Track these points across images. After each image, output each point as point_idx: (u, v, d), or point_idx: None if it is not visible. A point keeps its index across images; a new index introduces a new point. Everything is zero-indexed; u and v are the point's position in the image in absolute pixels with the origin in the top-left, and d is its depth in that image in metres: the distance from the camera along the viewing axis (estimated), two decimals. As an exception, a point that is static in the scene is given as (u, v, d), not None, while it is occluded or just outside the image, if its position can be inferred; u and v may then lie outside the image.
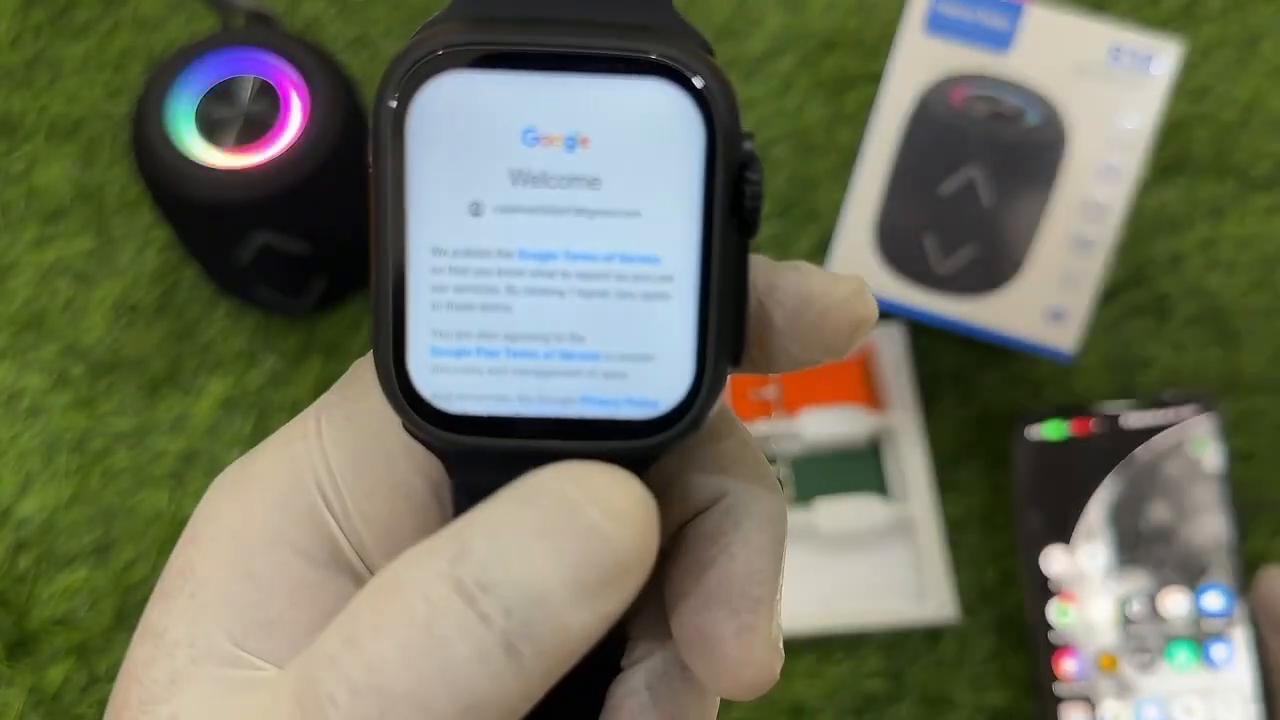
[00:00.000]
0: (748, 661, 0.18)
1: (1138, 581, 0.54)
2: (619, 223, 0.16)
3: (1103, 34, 0.54)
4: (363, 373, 0.19)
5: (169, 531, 0.57)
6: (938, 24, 0.55)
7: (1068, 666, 0.54)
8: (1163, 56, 0.54)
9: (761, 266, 0.18)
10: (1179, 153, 0.66)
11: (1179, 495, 0.55)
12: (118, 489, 0.58)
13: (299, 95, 0.53)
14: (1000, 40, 0.55)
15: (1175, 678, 0.52)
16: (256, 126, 0.53)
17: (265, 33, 0.55)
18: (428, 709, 0.15)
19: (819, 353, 0.19)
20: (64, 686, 0.54)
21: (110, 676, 0.55)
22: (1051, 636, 0.54)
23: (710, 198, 0.16)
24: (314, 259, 0.57)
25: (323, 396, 0.19)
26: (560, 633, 0.15)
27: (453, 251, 0.16)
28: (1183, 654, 0.53)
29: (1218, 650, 0.52)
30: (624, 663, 0.20)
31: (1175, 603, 0.53)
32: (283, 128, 0.53)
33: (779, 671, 0.18)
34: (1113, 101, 0.54)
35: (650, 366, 0.17)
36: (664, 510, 0.18)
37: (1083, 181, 0.55)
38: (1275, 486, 0.60)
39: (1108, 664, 0.53)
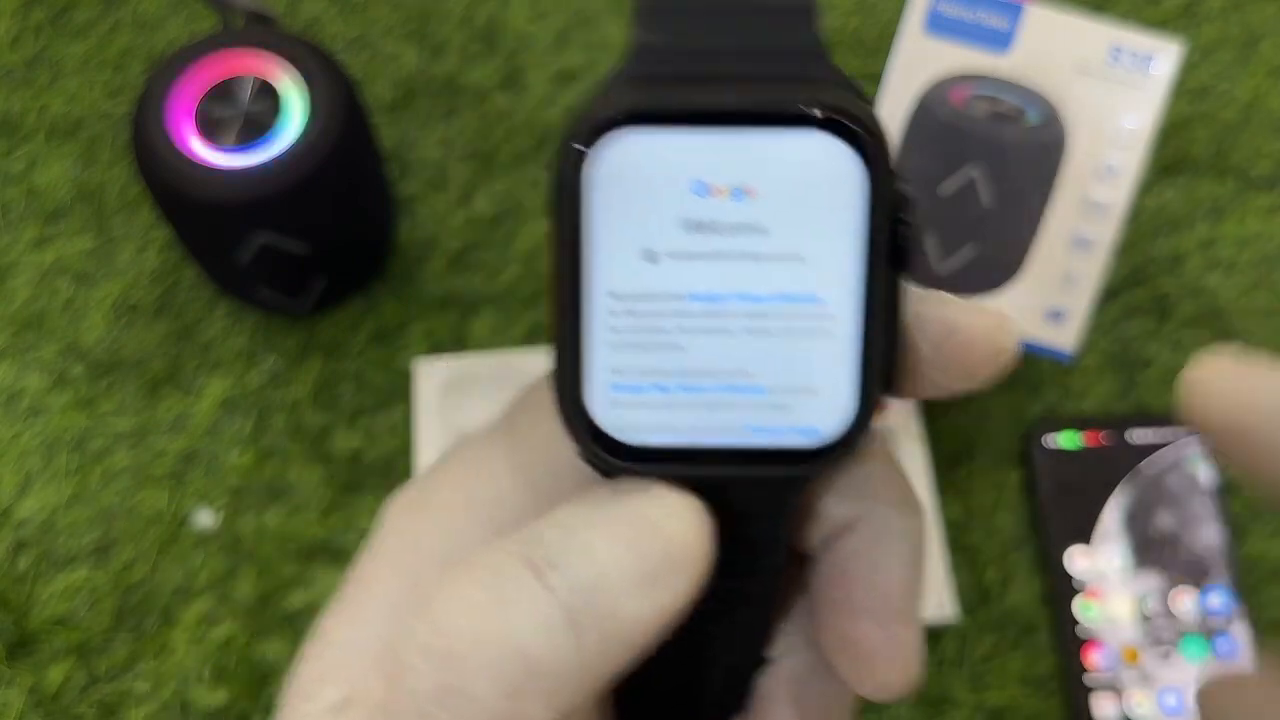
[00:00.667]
0: (893, 669, 0.19)
1: (1152, 581, 0.57)
2: (784, 266, 0.17)
3: (1103, 34, 0.54)
4: (531, 404, 0.20)
5: (169, 531, 0.57)
6: (938, 24, 0.55)
7: (1096, 658, 0.56)
8: (1163, 56, 0.54)
9: (908, 297, 0.19)
10: (1179, 153, 0.66)
11: (1181, 506, 0.58)
12: (118, 489, 0.58)
13: (299, 95, 0.53)
14: (1000, 40, 0.55)
15: (1190, 668, 0.56)
16: (256, 126, 0.53)
17: (265, 33, 0.55)
18: (495, 672, 0.16)
19: (960, 380, 0.19)
20: (64, 686, 0.54)
21: (110, 676, 0.55)
22: (1078, 630, 0.57)
23: (869, 240, 0.17)
24: (314, 259, 0.57)
25: (492, 426, 0.20)
26: (617, 617, 0.16)
27: (629, 295, 0.18)
28: (1195, 647, 0.56)
29: (1222, 644, 0.56)
30: (772, 655, 0.21)
31: (1184, 601, 0.57)
32: (283, 128, 0.53)
33: (917, 674, 0.19)
34: (1113, 101, 0.54)
35: (812, 398, 0.18)
36: (812, 525, 0.20)
37: (1083, 181, 0.55)
38: (1275, 486, 0.60)
39: (1130, 656, 0.56)
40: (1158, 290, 0.64)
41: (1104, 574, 0.57)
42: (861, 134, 0.17)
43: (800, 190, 0.17)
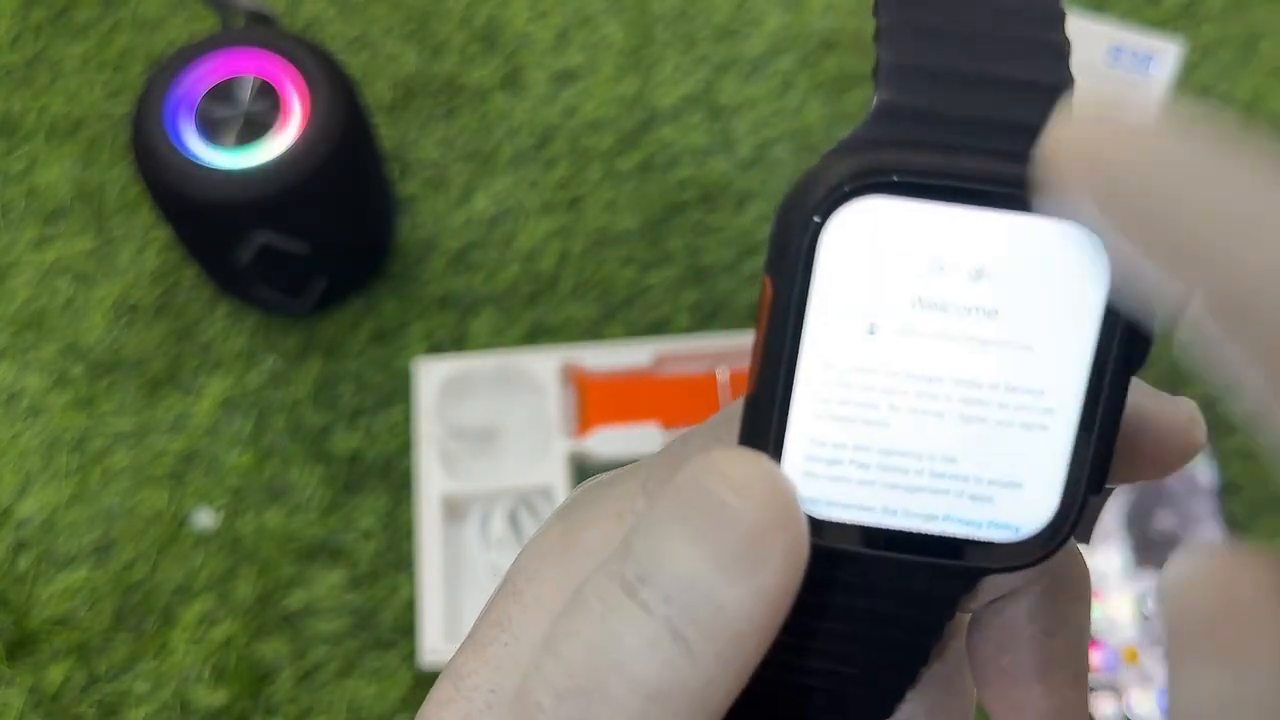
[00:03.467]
0: None
1: (1152, 581, 0.57)
2: (1011, 354, 0.17)
3: (1103, 34, 0.54)
4: (692, 450, 0.19)
5: (169, 531, 0.57)
6: (938, 24, 0.55)
7: (1096, 658, 0.56)
8: (1163, 56, 0.54)
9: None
10: (1179, 153, 0.66)
11: (1181, 506, 0.59)
12: (118, 489, 0.58)
13: (299, 95, 0.53)
14: (1000, 40, 0.55)
15: None
16: (256, 126, 0.53)
17: (265, 33, 0.55)
18: (617, 702, 0.15)
19: (1147, 473, 0.19)
20: (64, 686, 0.54)
21: (110, 676, 0.55)
22: None
23: (1105, 337, 0.17)
24: (314, 259, 0.57)
25: (647, 465, 0.19)
26: (719, 612, 0.15)
27: (843, 367, 0.17)
28: None
29: None
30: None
31: None
32: (283, 128, 0.53)
33: None
34: (1113, 101, 0.54)
35: (1017, 493, 0.17)
36: (977, 585, 0.19)
37: (1083, 181, 0.55)
38: (1275, 486, 0.60)
39: (1130, 656, 0.56)
40: (1158, 290, 0.63)
41: (1104, 574, 0.57)
42: None
43: (1040, 277, 0.16)
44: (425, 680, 0.54)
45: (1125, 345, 0.17)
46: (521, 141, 0.66)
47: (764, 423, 0.17)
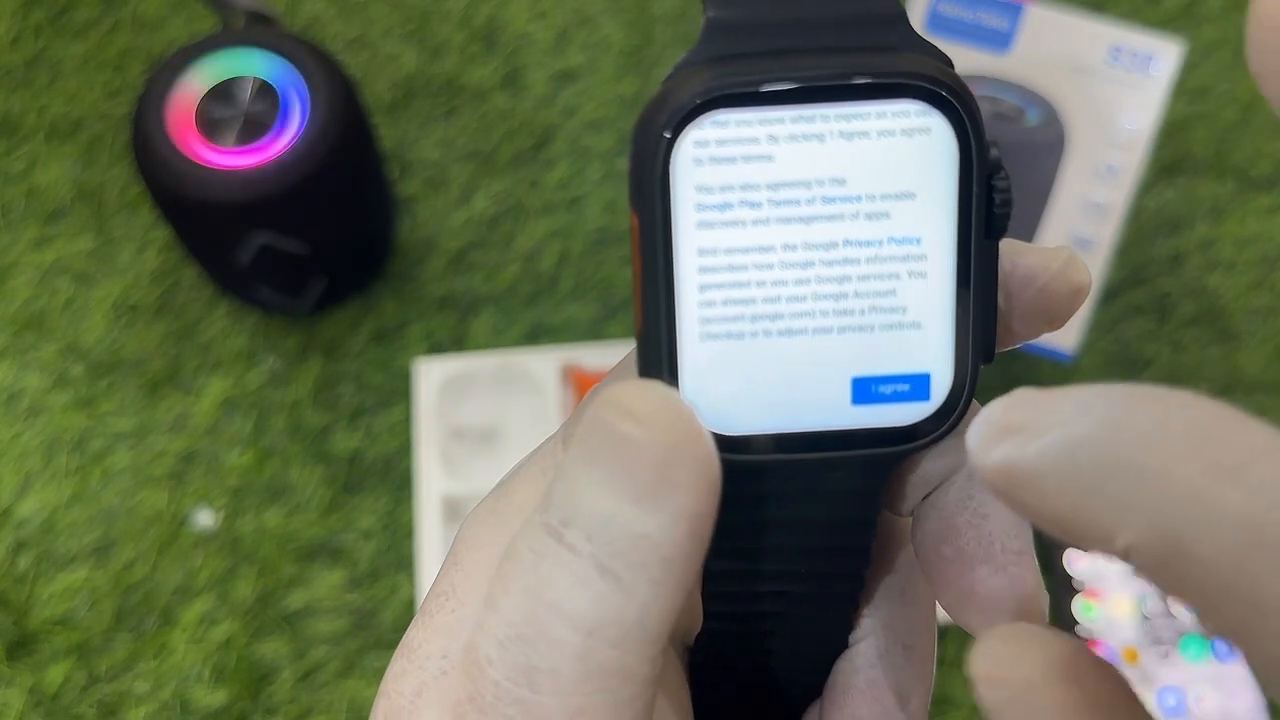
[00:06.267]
0: (1021, 613, 0.18)
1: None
2: (878, 231, 0.17)
3: (1103, 34, 0.54)
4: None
5: (169, 531, 0.57)
6: (938, 24, 0.55)
7: None
8: (1163, 56, 0.54)
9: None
10: (1179, 153, 0.66)
11: None
12: (118, 489, 0.58)
13: (299, 95, 0.53)
14: (1000, 40, 0.55)
15: (1189, 668, 0.56)
16: (256, 126, 0.53)
17: (265, 33, 0.55)
18: (558, 643, 0.16)
19: (1040, 325, 0.19)
20: (64, 686, 0.54)
21: (110, 676, 0.55)
22: (1078, 630, 0.57)
23: (965, 209, 0.17)
24: (314, 259, 0.57)
25: (567, 421, 0.20)
26: (641, 541, 0.16)
27: (719, 279, 0.17)
28: (1194, 647, 0.56)
29: (1221, 644, 0.56)
30: (851, 639, 0.21)
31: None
32: (283, 128, 0.53)
33: (1047, 610, 0.19)
34: (1113, 101, 0.54)
35: (908, 363, 0.18)
36: (907, 483, 0.20)
37: (1083, 181, 0.55)
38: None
39: (1130, 656, 0.56)
40: (1158, 290, 0.64)
41: (1104, 574, 0.57)
42: (952, 100, 0.17)
43: (894, 161, 0.17)
44: (425, 680, 0.54)
45: (986, 211, 0.17)
46: (521, 141, 0.66)
47: (655, 352, 0.17)
